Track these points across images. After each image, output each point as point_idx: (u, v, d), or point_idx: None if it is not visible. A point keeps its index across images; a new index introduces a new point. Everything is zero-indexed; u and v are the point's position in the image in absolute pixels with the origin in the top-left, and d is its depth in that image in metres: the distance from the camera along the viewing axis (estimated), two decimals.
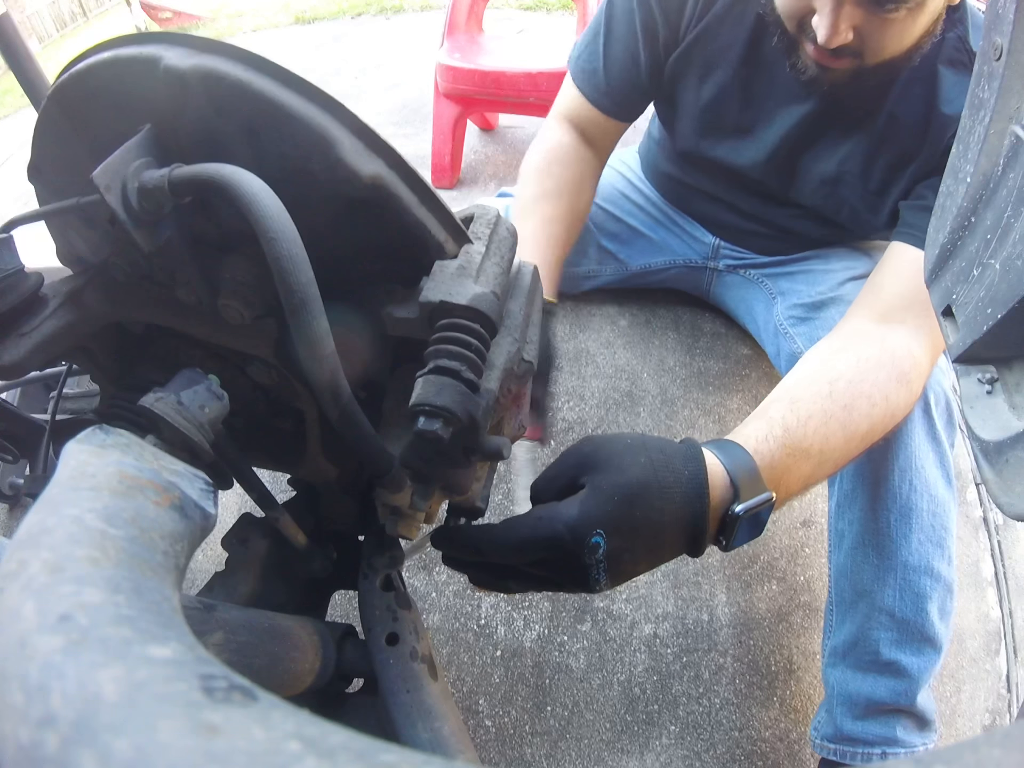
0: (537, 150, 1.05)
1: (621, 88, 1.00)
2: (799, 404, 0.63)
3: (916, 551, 0.79)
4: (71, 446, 0.26)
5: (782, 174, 0.96)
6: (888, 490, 0.79)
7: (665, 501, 0.47)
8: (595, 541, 0.45)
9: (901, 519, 0.79)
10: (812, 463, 0.59)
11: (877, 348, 0.70)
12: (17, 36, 1.05)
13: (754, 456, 0.54)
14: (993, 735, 0.14)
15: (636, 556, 0.48)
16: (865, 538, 0.81)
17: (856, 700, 0.81)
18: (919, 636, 0.79)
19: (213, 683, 0.14)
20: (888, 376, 0.67)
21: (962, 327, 0.38)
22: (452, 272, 0.43)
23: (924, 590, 0.79)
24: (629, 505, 0.46)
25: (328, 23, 3.56)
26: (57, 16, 9.85)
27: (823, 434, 0.61)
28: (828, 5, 0.69)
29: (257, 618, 0.47)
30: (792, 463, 0.58)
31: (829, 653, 0.86)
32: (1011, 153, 0.32)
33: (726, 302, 1.28)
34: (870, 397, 0.65)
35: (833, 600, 0.87)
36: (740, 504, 0.50)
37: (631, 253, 1.22)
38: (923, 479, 0.79)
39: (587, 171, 1.05)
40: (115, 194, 0.36)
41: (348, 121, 0.39)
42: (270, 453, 0.59)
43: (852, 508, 0.83)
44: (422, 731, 0.49)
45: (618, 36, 0.97)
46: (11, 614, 0.16)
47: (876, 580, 0.80)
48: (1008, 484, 0.34)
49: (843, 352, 0.71)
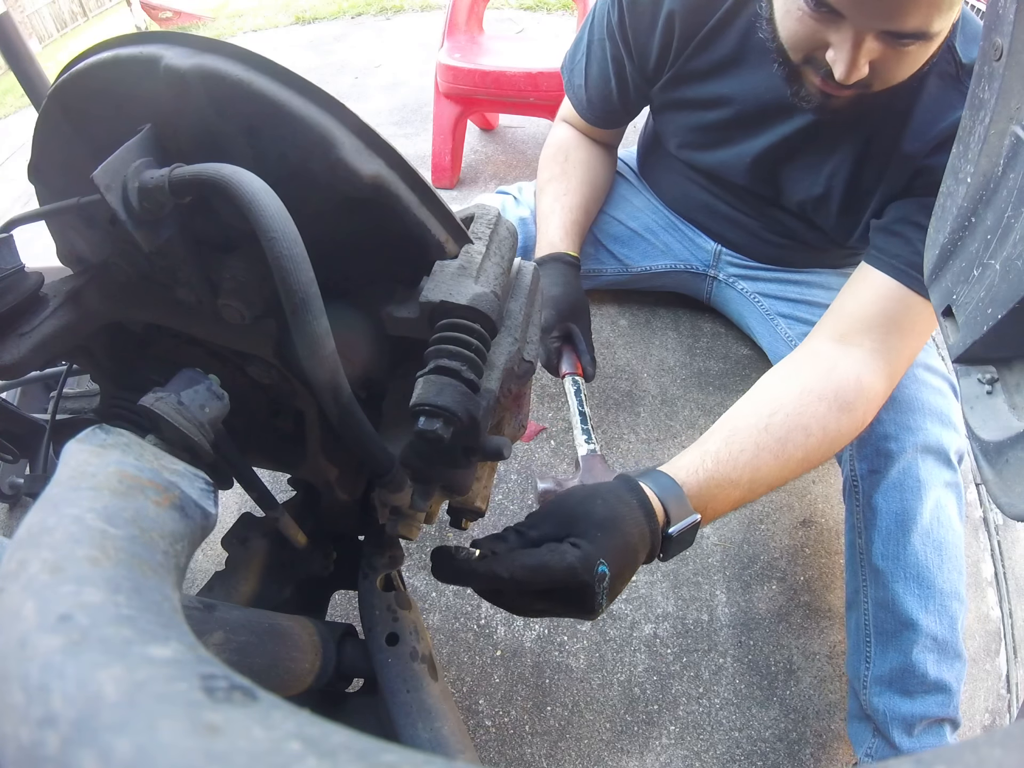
0: (546, 147, 1.17)
1: (601, 105, 1.08)
2: (734, 437, 0.70)
3: (948, 579, 0.85)
4: (71, 446, 0.26)
5: (764, 182, 0.98)
6: (922, 528, 0.86)
7: (635, 525, 0.56)
8: (602, 570, 0.52)
9: (935, 552, 0.86)
10: (742, 490, 0.68)
11: (823, 379, 0.76)
12: (17, 36, 1.05)
13: (683, 486, 0.63)
14: (993, 735, 0.14)
15: (624, 576, 0.56)
16: (907, 572, 0.86)
17: (910, 720, 0.84)
18: (953, 653, 0.85)
19: (214, 683, 0.14)
20: (828, 408, 0.73)
21: (962, 327, 0.38)
22: (452, 272, 0.43)
23: (955, 612, 0.85)
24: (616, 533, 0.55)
25: (328, 23, 3.56)
26: (57, 16, 9.85)
27: (754, 465, 0.68)
28: (848, 42, 0.67)
29: (257, 618, 0.47)
30: (719, 492, 0.66)
31: (872, 683, 0.88)
32: (1011, 153, 0.32)
33: (726, 311, 1.30)
34: (806, 428, 0.71)
35: (871, 633, 0.89)
36: (672, 527, 0.60)
37: (632, 255, 1.23)
38: (947, 515, 0.87)
39: (593, 154, 1.15)
40: (115, 194, 0.36)
41: (349, 121, 0.39)
42: (270, 453, 0.59)
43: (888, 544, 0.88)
44: (422, 731, 0.49)
45: (595, 58, 1.04)
46: (11, 614, 0.16)
47: (920, 609, 0.85)
48: (1008, 484, 0.34)
49: (788, 381, 0.77)
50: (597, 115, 1.10)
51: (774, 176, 0.96)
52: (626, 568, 0.55)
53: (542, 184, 1.12)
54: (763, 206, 1.04)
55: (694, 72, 0.93)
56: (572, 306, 0.98)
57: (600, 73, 1.04)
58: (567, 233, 1.05)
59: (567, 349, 0.98)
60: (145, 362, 0.54)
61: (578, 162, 1.12)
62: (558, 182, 1.10)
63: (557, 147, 1.14)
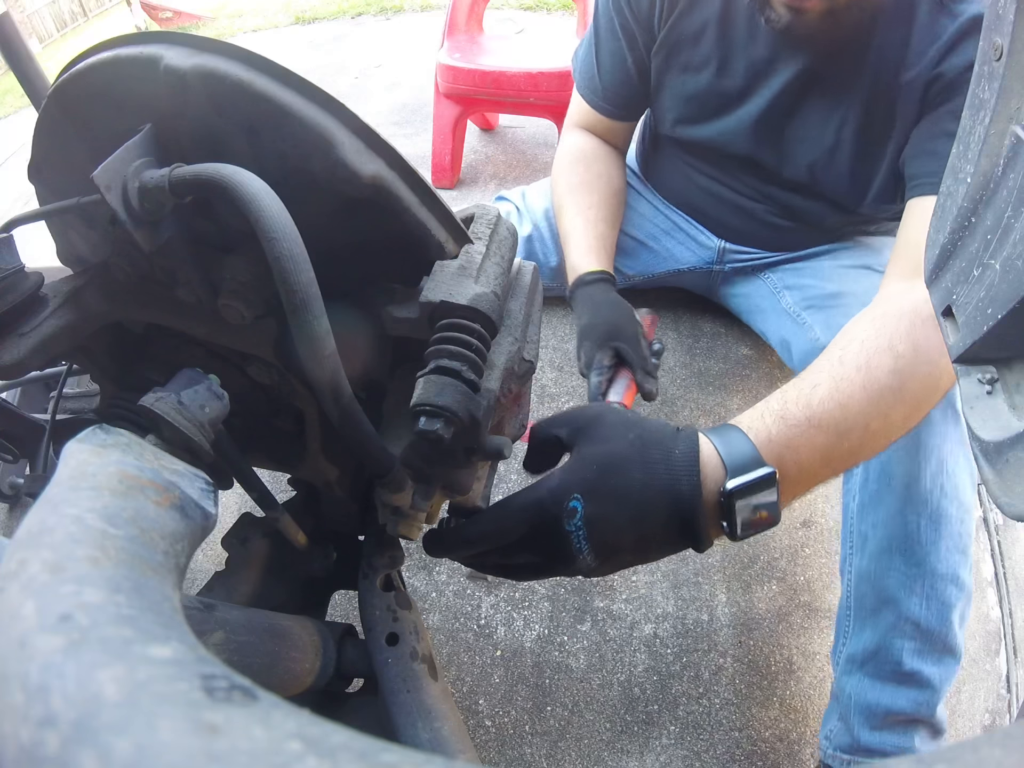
0: (560, 158, 1.13)
1: (617, 90, 1.06)
2: (805, 376, 0.58)
3: (944, 559, 0.76)
4: (71, 446, 0.26)
5: (770, 146, 0.96)
6: (919, 493, 0.77)
7: (648, 475, 0.46)
8: (573, 505, 0.45)
9: (931, 525, 0.76)
10: (828, 433, 0.53)
11: (896, 302, 0.64)
12: (17, 35, 1.05)
13: (747, 433, 0.50)
14: (994, 735, 0.14)
15: (618, 526, 0.46)
16: (893, 543, 0.78)
17: (875, 710, 0.78)
18: (941, 646, 0.77)
19: (214, 683, 0.14)
20: (911, 323, 0.60)
21: (962, 327, 0.38)
22: (452, 272, 0.43)
23: (950, 599, 0.77)
24: (607, 473, 0.46)
25: (328, 23, 3.56)
26: (57, 16, 9.84)
27: (836, 400, 0.54)
28: None
29: (257, 618, 0.47)
30: (797, 435, 0.52)
31: (845, 660, 0.82)
32: (1011, 154, 0.32)
33: (731, 301, 1.27)
34: (891, 349, 0.58)
35: (851, 605, 0.83)
36: (731, 481, 0.46)
37: (634, 264, 1.22)
38: (954, 484, 0.77)
39: (611, 163, 1.12)
40: (116, 194, 0.36)
41: (349, 121, 0.39)
42: (270, 453, 0.59)
43: (878, 510, 0.80)
44: (422, 731, 0.49)
45: (605, 42, 1.03)
46: (11, 614, 0.16)
47: (903, 587, 0.77)
48: (1008, 484, 0.34)
49: (860, 318, 0.65)
50: (615, 104, 1.07)
51: (779, 137, 0.94)
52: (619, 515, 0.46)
53: (561, 197, 1.07)
54: (765, 184, 1.02)
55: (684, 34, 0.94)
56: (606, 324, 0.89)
57: (614, 55, 1.02)
58: (589, 249, 1.00)
59: (621, 374, 0.86)
60: (145, 362, 0.54)
61: (600, 173, 1.08)
62: (579, 195, 1.05)
63: (575, 157, 1.10)
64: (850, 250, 1.06)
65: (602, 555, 0.47)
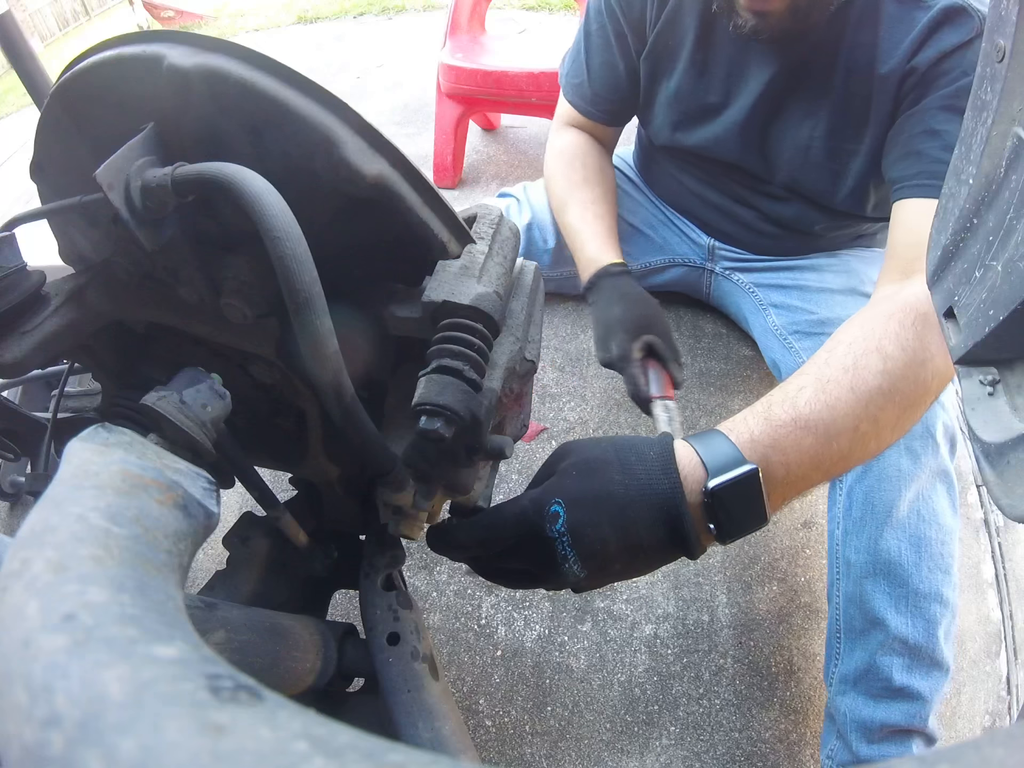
0: (554, 155, 1.14)
1: (606, 96, 1.07)
2: (790, 381, 0.58)
3: (926, 579, 0.79)
4: (74, 444, 0.26)
5: (755, 151, 0.97)
6: (898, 520, 0.80)
7: (626, 475, 0.47)
8: (554, 510, 0.46)
9: (911, 548, 0.79)
10: (815, 435, 0.52)
11: (885, 304, 0.64)
12: (19, 34, 1.05)
13: (729, 435, 0.51)
14: (996, 735, 0.14)
15: (601, 530, 0.46)
16: (876, 567, 0.81)
17: (870, 726, 0.80)
18: (929, 660, 0.80)
19: (219, 683, 0.14)
20: (901, 324, 0.59)
21: (964, 329, 0.38)
22: (455, 272, 0.43)
23: (934, 616, 0.79)
24: (586, 477, 0.47)
25: (330, 22, 3.56)
26: (59, 15, 9.85)
27: (823, 402, 0.54)
28: None
29: (258, 617, 0.47)
30: (783, 436, 0.52)
31: (838, 681, 0.84)
32: (1013, 155, 0.32)
33: (725, 306, 1.29)
34: (880, 351, 0.57)
35: (841, 628, 0.86)
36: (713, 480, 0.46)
37: (631, 251, 1.23)
38: (931, 509, 0.80)
39: (603, 161, 1.14)
40: (118, 193, 0.36)
41: (352, 120, 0.39)
42: (272, 452, 0.59)
43: (861, 536, 0.83)
44: (423, 731, 0.49)
45: (596, 49, 1.04)
46: (15, 613, 0.16)
47: (889, 608, 0.80)
48: (1009, 486, 0.34)
49: (851, 321, 0.65)
50: (604, 109, 1.09)
51: (763, 142, 0.96)
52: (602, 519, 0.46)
53: (562, 195, 1.08)
54: (754, 193, 1.04)
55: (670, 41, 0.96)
56: (639, 317, 0.91)
57: (604, 61, 1.04)
58: (605, 242, 1.01)
59: (652, 366, 0.89)
60: (147, 361, 0.54)
61: (598, 169, 1.10)
62: (582, 190, 1.07)
63: (572, 154, 1.11)
64: (835, 269, 1.06)
65: (590, 564, 0.47)
